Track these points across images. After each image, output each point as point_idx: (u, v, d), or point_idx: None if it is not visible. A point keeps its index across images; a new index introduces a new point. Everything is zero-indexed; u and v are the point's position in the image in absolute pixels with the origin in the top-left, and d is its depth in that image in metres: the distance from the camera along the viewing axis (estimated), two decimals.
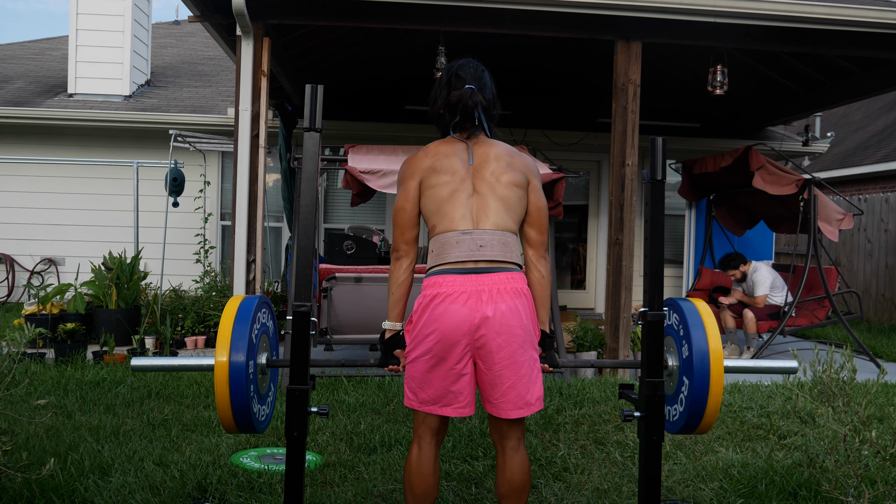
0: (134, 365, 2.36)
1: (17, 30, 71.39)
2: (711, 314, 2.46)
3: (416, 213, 2.38)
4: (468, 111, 2.35)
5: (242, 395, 2.22)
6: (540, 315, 2.42)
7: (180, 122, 8.85)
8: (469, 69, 2.42)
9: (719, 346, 2.38)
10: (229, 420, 2.26)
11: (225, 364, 2.21)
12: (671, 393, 2.54)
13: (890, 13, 5.69)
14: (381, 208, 9.39)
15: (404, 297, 2.40)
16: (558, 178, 5.64)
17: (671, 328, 2.55)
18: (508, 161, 2.38)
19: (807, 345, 7.66)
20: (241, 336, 2.25)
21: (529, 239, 2.42)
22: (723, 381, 2.37)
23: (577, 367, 2.74)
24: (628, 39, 5.70)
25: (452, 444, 3.75)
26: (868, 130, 13.98)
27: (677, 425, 2.49)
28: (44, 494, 2.91)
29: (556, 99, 9.71)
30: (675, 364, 2.51)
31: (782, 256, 10.90)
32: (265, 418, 2.47)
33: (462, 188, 2.33)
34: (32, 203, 9.16)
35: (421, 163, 2.38)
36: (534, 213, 2.40)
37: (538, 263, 2.41)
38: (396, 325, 2.42)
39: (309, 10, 5.61)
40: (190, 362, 2.41)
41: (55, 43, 12.68)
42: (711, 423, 2.42)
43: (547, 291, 2.42)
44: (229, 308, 2.33)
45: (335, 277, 5.25)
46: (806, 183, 6.61)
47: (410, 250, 2.38)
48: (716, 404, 2.37)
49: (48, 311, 6.34)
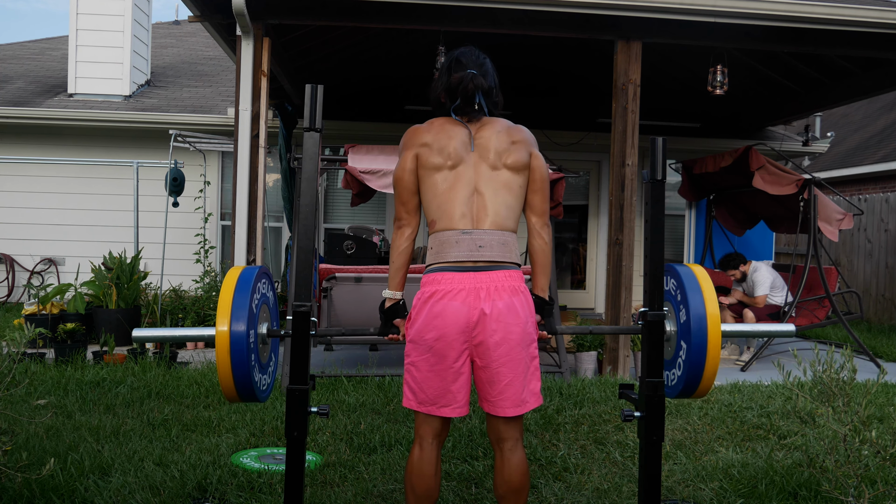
0: (135, 336, 2.35)
1: (17, 30, 71.44)
2: (708, 278, 2.46)
3: (414, 181, 2.37)
4: (469, 94, 2.34)
5: (244, 364, 2.22)
6: (540, 282, 2.44)
7: (180, 122, 8.85)
8: (471, 56, 2.42)
9: (717, 311, 2.39)
10: (231, 389, 2.25)
11: (226, 333, 2.20)
12: (669, 358, 2.55)
13: (890, 13, 5.69)
14: (381, 208, 9.39)
15: (405, 266, 2.40)
16: (558, 178, 5.64)
17: (668, 293, 2.56)
18: (509, 140, 2.37)
19: (807, 345, 7.66)
20: (242, 305, 2.25)
21: (533, 206, 2.42)
22: (720, 345, 2.39)
23: (578, 333, 2.74)
24: (628, 39, 5.70)
25: (452, 444, 3.75)
26: (868, 130, 13.98)
27: (676, 389, 2.50)
28: (44, 494, 2.91)
29: (556, 99, 9.71)
30: (674, 329, 2.51)
31: (782, 256, 10.90)
32: (266, 387, 2.47)
33: (461, 183, 2.32)
34: (32, 203, 9.16)
35: (421, 136, 2.37)
36: (537, 180, 2.40)
37: (542, 231, 2.41)
38: (396, 293, 2.42)
39: (309, 10, 5.61)
40: (191, 333, 2.40)
41: (55, 43, 12.68)
42: (709, 387, 2.44)
43: (548, 259, 2.43)
44: (229, 278, 2.32)
45: (335, 277, 5.25)
46: (806, 183, 6.61)
47: (412, 219, 2.38)
48: (714, 367, 2.38)
49: (48, 311, 6.34)
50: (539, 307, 2.42)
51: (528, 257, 3.41)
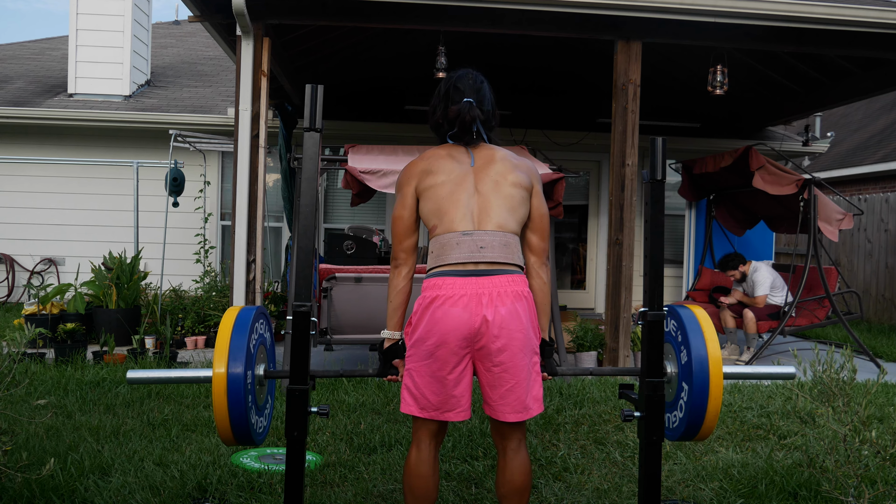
0: (130, 378, 2.33)
1: (17, 30, 71.39)
2: (709, 320, 2.45)
3: (414, 219, 2.36)
4: (466, 125, 2.34)
5: (241, 407, 2.21)
6: (540, 322, 2.40)
7: (180, 122, 8.85)
8: (468, 81, 2.41)
9: (718, 352, 2.37)
10: (227, 432, 2.25)
11: (223, 375, 2.19)
12: (670, 400, 2.53)
13: (890, 13, 5.69)
14: (381, 208, 9.39)
15: (403, 305, 2.38)
16: (558, 178, 5.64)
17: (669, 335, 2.54)
18: (513, 163, 2.37)
19: (807, 345, 7.66)
20: (239, 347, 2.24)
21: (531, 245, 2.41)
22: (722, 387, 2.36)
23: (577, 375, 2.73)
24: (628, 39, 5.70)
25: (452, 444, 3.75)
26: (868, 130, 13.98)
27: (677, 432, 2.47)
28: (44, 494, 2.91)
29: (556, 99, 9.71)
30: (674, 371, 2.49)
31: (782, 256, 10.90)
32: (263, 430, 2.46)
33: (462, 188, 2.31)
34: (33, 203, 9.16)
35: (416, 167, 2.37)
36: (537, 219, 2.39)
37: (540, 270, 2.40)
38: (395, 334, 2.40)
39: (309, 10, 5.61)
40: (187, 374, 2.39)
41: (55, 43, 12.68)
42: (711, 429, 2.41)
43: (548, 299, 2.41)
44: (226, 319, 2.31)
45: (335, 277, 5.24)
46: (806, 183, 6.60)
47: (409, 258, 2.36)
48: (716, 410, 2.35)
49: (48, 311, 6.34)
50: (540, 349, 2.39)
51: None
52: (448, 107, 2.38)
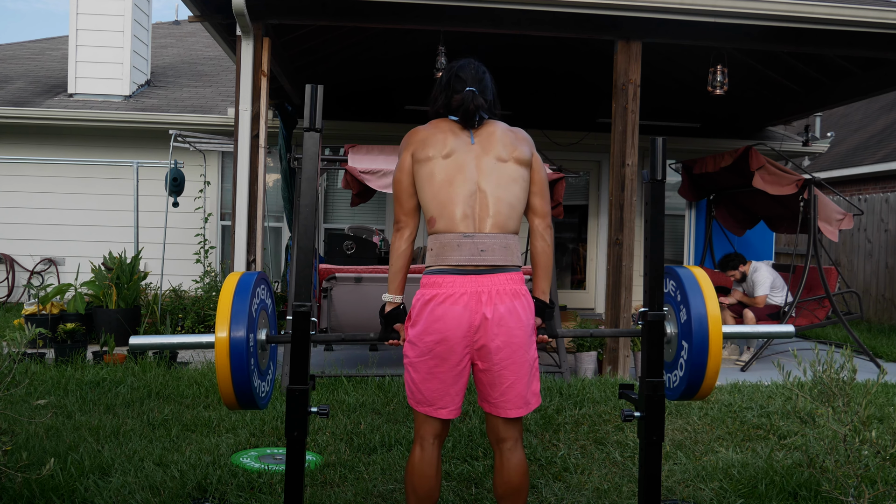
0: (132, 343, 2.35)
1: (17, 30, 71.38)
2: (708, 279, 2.46)
3: (412, 183, 2.37)
4: (470, 114, 2.35)
5: (243, 371, 2.22)
6: (541, 285, 2.44)
7: (180, 122, 8.84)
8: (470, 70, 2.42)
9: (717, 310, 2.39)
10: (230, 395, 2.25)
11: (225, 340, 2.20)
12: (670, 360, 2.54)
13: (890, 13, 5.69)
14: (381, 208, 9.39)
15: (404, 269, 2.41)
16: (558, 178, 5.64)
17: (668, 295, 2.55)
18: (512, 137, 2.40)
19: (807, 345, 7.66)
20: (241, 311, 2.24)
21: (535, 208, 2.43)
22: (722, 345, 2.38)
23: (579, 336, 2.75)
24: (628, 39, 5.70)
25: (452, 444, 3.75)
26: (868, 130, 13.98)
27: (678, 391, 2.49)
28: (44, 494, 2.91)
29: (556, 99, 9.71)
30: (674, 331, 2.51)
31: (782, 256, 10.90)
32: (265, 395, 2.47)
33: (462, 177, 2.31)
34: (32, 203, 9.16)
35: (417, 134, 2.39)
36: (538, 182, 2.43)
37: (544, 233, 2.42)
38: (396, 297, 2.42)
39: (309, 10, 5.61)
40: (189, 339, 2.40)
41: (55, 43, 12.68)
42: (711, 387, 2.43)
43: (550, 261, 2.44)
44: (228, 284, 2.32)
45: (335, 277, 5.24)
46: (806, 183, 6.61)
47: (410, 221, 2.39)
48: (716, 367, 2.38)
49: (48, 311, 6.33)
50: (540, 310, 2.42)
51: (528, 257, 3.38)
52: (451, 96, 2.39)
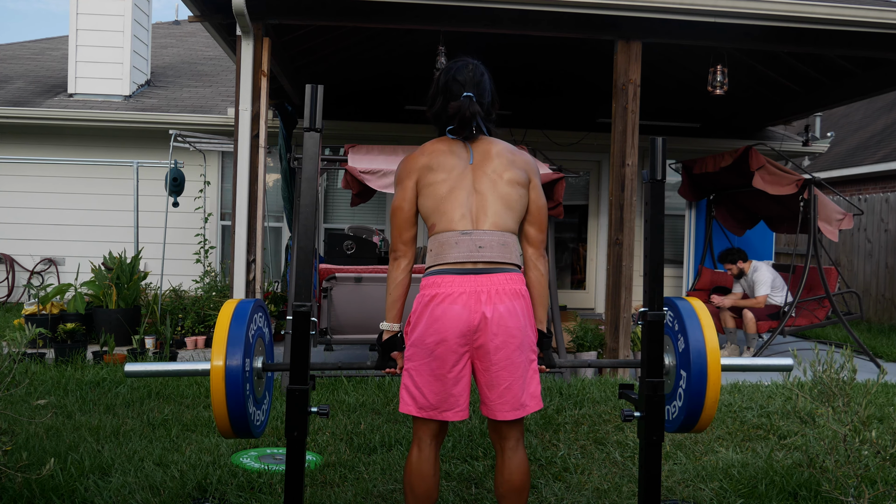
0: (128, 371, 2.34)
1: (17, 30, 71.41)
2: (707, 311, 2.46)
3: (414, 212, 2.36)
4: (466, 122, 2.33)
5: (239, 399, 2.21)
6: (538, 314, 2.41)
7: (180, 122, 8.85)
8: (467, 73, 2.39)
9: (716, 341, 2.39)
10: (226, 424, 2.25)
11: (221, 368, 2.20)
12: (669, 391, 2.54)
13: (890, 13, 5.69)
14: (381, 208, 9.39)
15: (402, 298, 2.38)
16: (558, 178, 5.64)
17: (667, 327, 2.55)
18: (510, 158, 2.37)
19: (807, 345, 7.66)
20: (237, 340, 2.24)
21: (529, 237, 2.41)
22: (720, 374, 2.37)
23: (576, 367, 2.73)
24: (628, 39, 5.70)
25: (452, 444, 3.75)
26: (868, 130, 13.98)
27: (676, 422, 2.48)
28: (44, 494, 2.91)
29: (556, 99, 9.71)
30: (672, 363, 2.51)
31: (782, 256, 10.90)
32: (261, 423, 2.46)
33: (461, 185, 2.31)
34: (33, 203, 9.16)
35: (417, 161, 2.37)
36: (534, 212, 2.40)
37: (538, 262, 2.40)
38: (394, 326, 2.40)
39: (309, 10, 5.61)
40: (185, 367, 2.40)
41: (55, 43, 12.68)
42: (710, 418, 2.41)
43: (545, 290, 2.42)
44: (224, 312, 2.31)
45: (335, 277, 5.24)
46: (806, 183, 6.60)
47: (408, 250, 2.36)
48: (714, 397, 2.36)
49: (48, 311, 6.33)
50: (538, 341, 2.40)
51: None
52: (448, 101, 2.37)
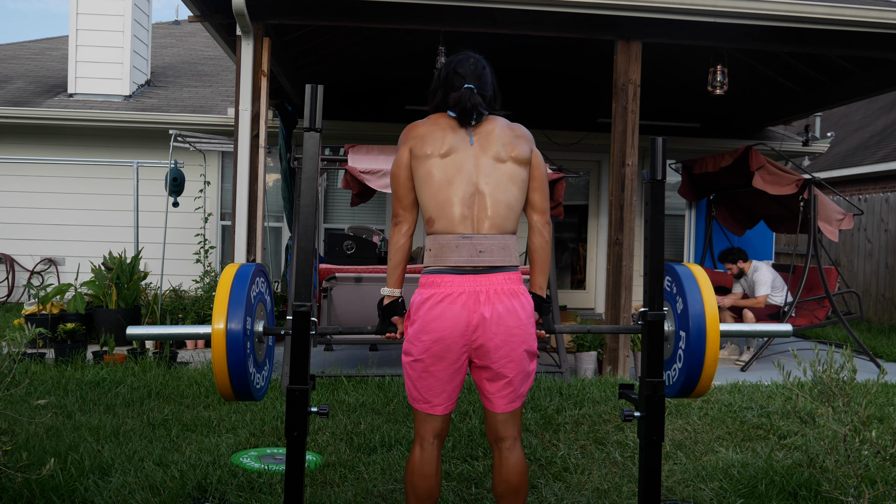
0: (129, 333, 2.34)
1: (17, 30, 71.43)
2: (705, 274, 2.47)
3: (409, 177, 2.36)
4: (467, 113, 2.34)
5: (240, 361, 2.21)
6: (538, 280, 2.44)
7: (180, 122, 8.84)
8: (468, 65, 2.40)
9: (713, 300, 2.39)
10: (226, 384, 2.24)
11: (222, 331, 2.20)
12: (668, 356, 2.54)
13: (890, 13, 5.69)
14: (381, 208, 9.39)
15: (403, 262, 2.40)
16: (558, 178, 5.64)
17: (666, 291, 2.55)
18: (513, 134, 2.38)
19: (807, 345, 7.66)
20: (238, 302, 2.24)
21: (534, 204, 2.42)
22: (719, 333, 2.36)
23: (576, 332, 2.74)
24: (628, 39, 5.70)
25: (452, 444, 3.75)
26: (868, 130, 13.98)
27: (676, 385, 2.47)
28: (44, 494, 2.91)
29: (556, 99, 9.71)
30: (671, 328, 2.50)
31: (782, 256, 10.90)
32: (261, 387, 2.46)
33: (460, 177, 2.29)
34: (33, 203, 9.16)
35: (416, 130, 2.38)
36: (538, 178, 2.41)
37: (543, 229, 2.42)
38: (395, 291, 2.42)
39: (309, 10, 5.61)
40: (186, 330, 2.40)
41: (55, 43, 12.67)
42: (710, 379, 2.40)
43: (548, 256, 2.44)
44: (226, 274, 2.32)
45: (335, 277, 5.25)
46: (806, 183, 6.61)
47: (408, 215, 2.38)
48: (713, 356, 2.36)
49: (48, 311, 6.33)
50: (537, 305, 2.42)
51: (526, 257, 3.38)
52: (448, 93, 2.38)
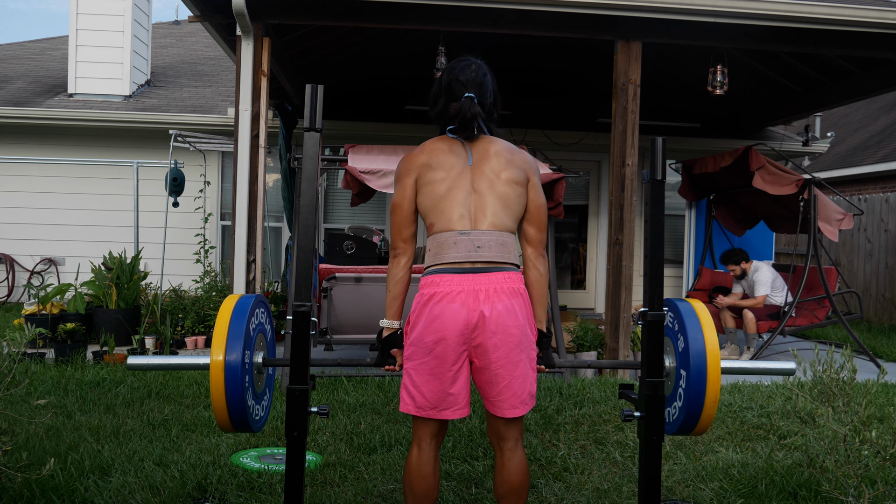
0: (130, 364, 2.36)
1: (17, 30, 71.44)
2: (707, 311, 2.46)
3: (413, 210, 2.36)
4: (467, 123, 2.33)
5: (238, 393, 2.22)
6: (537, 314, 2.42)
7: (180, 122, 8.84)
8: (469, 73, 2.39)
9: (715, 340, 2.38)
10: (224, 417, 2.25)
11: (220, 363, 2.20)
12: (668, 394, 2.53)
13: (890, 13, 5.69)
14: (381, 208, 9.39)
15: (402, 295, 2.39)
16: (558, 178, 5.64)
17: (667, 328, 2.55)
18: (508, 158, 2.36)
19: (807, 345, 7.65)
20: (237, 334, 2.24)
21: (528, 237, 2.41)
22: (720, 373, 2.36)
23: (576, 368, 2.74)
24: (628, 39, 5.70)
25: (452, 444, 3.75)
26: (868, 130, 13.98)
27: (676, 423, 2.48)
28: (44, 494, 2.91)
29: (556, 99, 9.71)
30: (672, 364, 2.51)
31: (782, 256, 10.90)
32: (261, 418, 2.46)
33: (459, 185, 2.31)
34: (33, 203, 9.16)
35: (417, 160, 2.37)
36: (533, 211, 2.39)
37: (537, 262, 2.40)
38: (394, 323, 2.41)
39: (309, 10, 5.61)
40: (186, 361, 2.41)
41: (55, 43, 12.68)
42: (710, 419, 2.40)
43: (545, 290, 2.42)
44: (225, 307, 2.32)
45: (335, 277, 5.24)
46: (806, 183, 6.60)
47: (408, 248, 2.37)
48: (714, 396, 2.35)
49: (48, 311, 6.33)
50: (537, 340, 2.40)
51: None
52: (449, 102, 2.38)
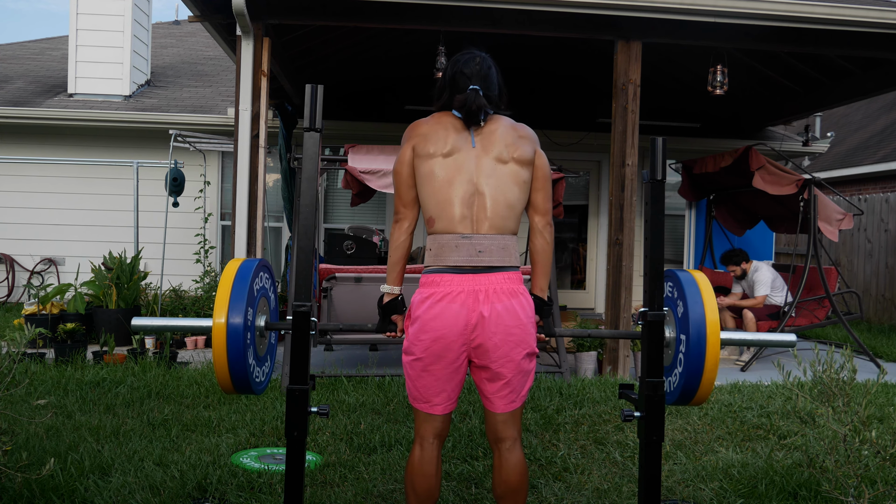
0: (135, 325, 2.36)
1: (17, 30, 71.44)
2: (706, 279, 2.46)
3: (411, 174, 2.36)
4: (473, 114, 2.33)
5: (239, 351, 2.22)
6: (540, 282, 2.44)
7: (180, 122, 8.85)
8: (473, 65, 2.39)
9: (714, 304, 2.38)
10: (226, 376, 2.25)
11: (223, 325, 2.20)
12: (669, 363, 2.53)
13: (890, 13, 5.69)
14: (381, 208, 9.39)
15: (403, 259, 2.40)
16: (558, 178, 5.65)
17: (667, 297, 2.55)
18: (516, 135, 2.36)
19: (807, 345, 7.65)
20: (240, 297, 2.24)
21: (536, 204, 2.40)
22: (719, 337, 2.35)
23: (575, 336, 2.74)
24: (628, 39, 5.70)
25: (452, 444, 3.75)
26: (868, 130, 13.98)
27: (676, 391, 2.47)
28: (44, 494, 2.91)
29: (556, 99, 9.71)
30: (672, 334, 2.50)
31: (782, 256, 10.90)
32: (262, 382, 2.46)
33: (461, 177, 2.29)
34: (33, 203, 9.16)
35: (419, 128, 2.38)
36: (540, 178, 2.40)
37: (544, 230, 2.41)
38: (395, 288, 2.43)
39: (309, 10, 5.61)
40: (188, 323, 2.42)
41: (55, 43, 12.67)
42: (710, 385, 2.39)
43: (549, 258, 2.44)
44: (229, 268, 2.32)
45: (335, 277, 5.25)
46: (806, 183, 6.60)
47: (409, 212, 2.38)
48: (714, 361, 2.34)
49: (48, 311, 6.33)
50: (538, 308, 2.42)
51: (527, 257, 3.39)
52: (454, 94, 2.37)
